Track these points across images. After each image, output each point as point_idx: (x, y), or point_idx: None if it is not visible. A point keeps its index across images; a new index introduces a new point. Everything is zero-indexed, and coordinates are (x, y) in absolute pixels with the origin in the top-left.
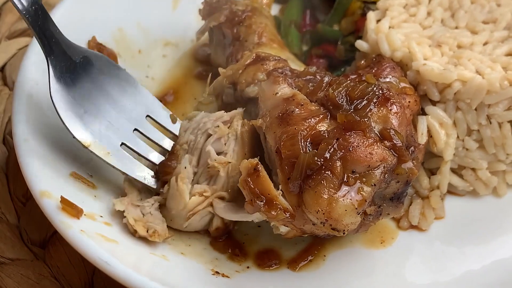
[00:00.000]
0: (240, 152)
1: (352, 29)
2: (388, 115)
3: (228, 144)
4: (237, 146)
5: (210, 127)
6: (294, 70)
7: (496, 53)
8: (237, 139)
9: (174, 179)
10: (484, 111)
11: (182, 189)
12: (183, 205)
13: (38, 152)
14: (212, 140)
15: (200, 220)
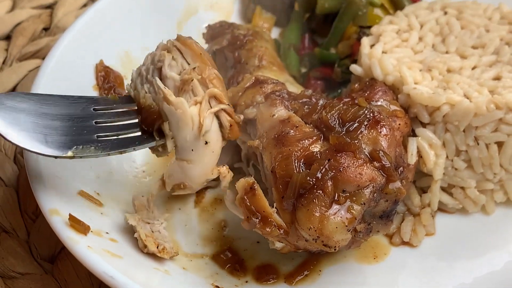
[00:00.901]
0: (195, 57)
1: (348, 53)
2: (378, 137)
3: (177, 60)
4: (187, 54)
5: (152, 63)
6: (291, 93)
7: (484, 77)
8: (182, 50)
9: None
10: (472, 132)
11: (180, 101)
12: (189, 118)
13: (47, 172)
14: (167, 66)
15: (212, 124)
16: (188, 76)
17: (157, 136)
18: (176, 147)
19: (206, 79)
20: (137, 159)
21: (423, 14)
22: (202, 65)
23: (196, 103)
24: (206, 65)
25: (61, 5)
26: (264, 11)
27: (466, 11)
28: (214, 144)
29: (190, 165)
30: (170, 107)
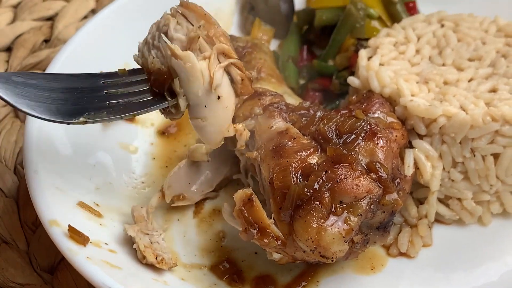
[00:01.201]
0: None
1: (346, 64)
2: (375, 149)
3: (182, 24)
4: (192, 17)
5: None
6: (289, 104)
7: (480, 90)
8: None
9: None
10: (468, 144)
11: (188, 54)
12: (198, 72)
13: (47, 183)
14: (172, 29)
15: (222, 78)
16: (194, 33)
17: (168, 96)
18: (188, 106)
19: (212, 36)
20: (137, 170)
21: (420, 27)
22: (207, 24)
23: (205, 58)
24: (212, 24)
25: (61, 17)
26: (263, 23)
27: (463, 24)
28: (227, 99)
29: (205, 123)
30: (179, 61)
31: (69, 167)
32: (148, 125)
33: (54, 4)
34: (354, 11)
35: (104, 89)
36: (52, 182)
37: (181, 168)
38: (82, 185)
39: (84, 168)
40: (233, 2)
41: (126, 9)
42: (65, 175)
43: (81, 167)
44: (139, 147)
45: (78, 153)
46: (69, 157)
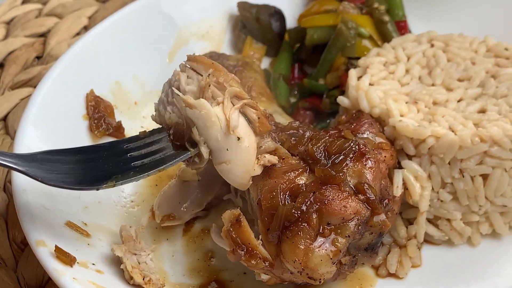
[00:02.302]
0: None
1: (337, 83)
2: (363, 169)
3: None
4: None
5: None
6: (279, 124)
7: (469, 110)
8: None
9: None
10: (457, 165)
11: (200, 102)
12: (214, 116)
13: (35, 202)
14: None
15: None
16: (204, 82)
17: (189, 147)
18: (211, 152)
19: (223, 82)
20: (126, 189)
21: (410, 47)
22: (216, 72)
23: (218, 103)
24: (221, 71)
25: (54, 33)
26: (255, 41)
27: (453, 44)
28: (247, 139)
29: (230, 166)
30: (194, 110)
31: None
32: None
33: (46, 20)
34: (345, 30)
35: (127, 153)
36: (40, 201)
37: (171, 187)
38: (71, 204)
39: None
40: (225, 20)
41: (119, 26)
42: (54, 194)
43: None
44: None
45: None
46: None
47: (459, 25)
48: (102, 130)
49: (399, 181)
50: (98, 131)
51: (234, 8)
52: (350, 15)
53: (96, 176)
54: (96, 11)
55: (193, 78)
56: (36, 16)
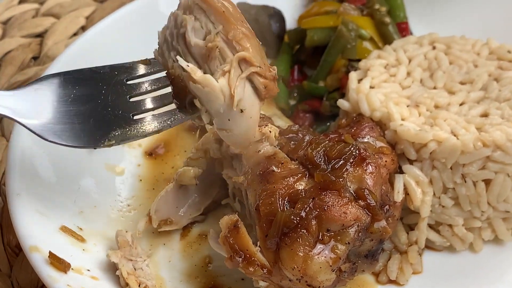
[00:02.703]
0: (218, 16)
1: (337, 86)
2: (363, 175)
3: (201, 20)
4: (210, 13)
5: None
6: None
7: (471, 114)
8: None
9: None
10: (459, 170)
11: (205, 78)
12: (219, 92)
13: (29, 206)
14: (190, 32)
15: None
16: (212, 44)
17: (190, 109)
18: (212, 118)
19: (232, 41)
20: (122, 193)
21: (411, 49)
22: (226, 26)
23: (225, 73)
24: (231, 25)
25: (51, 33)
26: None
27: (455, 46)
28: (250, 110)
29: (230, 133)
30: (197, 85)
31: (52, 189)
32: (135, 145)
33: (43, 20)
34: (345, 32)
35: (128, 93)
36: (35, 205)
37: (168, 192)
38: (66, 209)
39: (68, 190)
40: None
41: (116, 27)
42: (49, 198)
43: (65, 190)
44: (125, 168)
45: (63, 175)
46: (53, 179)
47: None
48: None
49: (400, 186)
50: None
51: None
52: (351, 16)
53: (93, 131)
54: (93, 11)
55: (201, 21)
56: (33, 16)
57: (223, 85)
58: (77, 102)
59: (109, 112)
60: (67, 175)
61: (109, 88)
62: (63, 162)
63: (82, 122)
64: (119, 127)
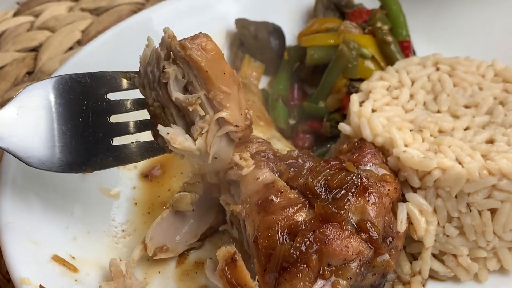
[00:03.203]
0: (200, 74)
1: (338, 106)
2: (366, 206)
3: (183, 69)
4: (195, 70)
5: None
6: (277, 153)
7: (476, 140)
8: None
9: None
10: (464, 199)
11: (184, 147)
12: (196, 152)
13: (20, 235)
14: (172, 84)
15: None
16: (193, 107)
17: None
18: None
19: (212, 99)
20: (117, 217)
21: (414, 70)
22: (208, 84)
23: (201, 134)
24: (213, 84)
25: (46, 48)
26: (253, 60)
27: (459, 68)
28: (224, 156)
29: (201, 167)
30: (176, 149)
31: (45, 216)
32: (130, 167)
33: (38, 34)
34: (347, 51)
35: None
36: (26, 234)
37: (164, 218)
38: (58, 236)
39: (61, 217)
40: (222, 38)
41: (113, 43)
42: (41, 225)
43: (57, 216)
44: (120, 191)
45: (55, 201)
46: (46, 205)
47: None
48: None
49: (404, 216)
50: None
51: (231, 25)
52: (352, 34)
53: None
54: (90, 24)
55: (184, 69)
56: (27, 29)
57: (200, 145)
58: (60, 120)
59: (90, 134)
60: (60, 200)
61: (89, 103)
62: (56, 187)
63: (64, 145)
64: (100, 153)
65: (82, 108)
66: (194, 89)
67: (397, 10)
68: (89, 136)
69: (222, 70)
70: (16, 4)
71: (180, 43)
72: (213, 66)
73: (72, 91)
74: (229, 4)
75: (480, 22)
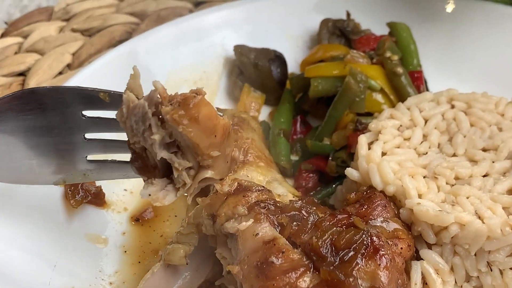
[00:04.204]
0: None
1: (344, 143)
2: (377, 270)
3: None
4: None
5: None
6: (278, 202)
7: (497, 190)
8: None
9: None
10: (484, 257)
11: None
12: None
13: None
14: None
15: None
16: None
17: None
18: None
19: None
20: (105, 268)
21: (427, 108)
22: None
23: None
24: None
25: (34, 72)
26: (253, 90)
27: (476, 105)
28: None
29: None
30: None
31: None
32: (120, 209)
33: (27, 57)
34: (354, 84)
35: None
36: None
37: (155, 273)
38: None
39: (42, 269)
40: (220, 65)
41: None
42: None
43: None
44: (108, 238)
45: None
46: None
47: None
48: (79, 199)
49: (418, 277)
50: (75, 200)
51: (230, 51)
52: (359, 65)
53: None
54: (81, 46)
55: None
56: (15, 51)
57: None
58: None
59: (63, 150)
60: (42, 250)
61: (64, 119)
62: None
63: (36, 158)
64: (73, 168)
65: (58, 122)
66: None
67: (408, 37)
68: (62, 152)
69: (213, 132)
70: (4, 24)
71: (172, 117)
72: (205, 136)
73: (48, 104)
74: (228, 29)
75: (499, 51)
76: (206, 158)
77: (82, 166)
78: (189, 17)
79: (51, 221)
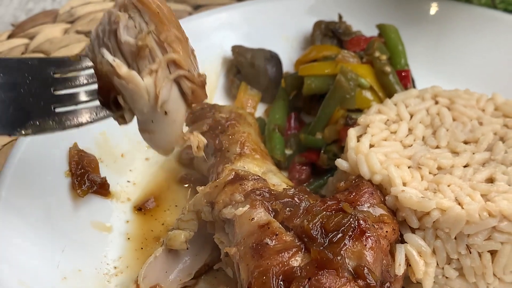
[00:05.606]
0: (152, 16)
1: (335, 138)
2: (363, 250)
3: (135, 19)
4: (145, 13)
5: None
6: (273, 190)
7: (476, 179)
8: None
9: (118, 81)
10: (464, 240)
11: (130, 74)
12: (143, 91)
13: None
14: (122, 29)
15: (171, 92)
16: (142, 43)
17: (114, 107)
18: (136, 117)
19: (164, 42)
20: (109, 254)
21: (413, 103)
22: (160, 26)
23: (152, 72)
24: (164, 26)
25: None
26: (249, 88)
27: (458, 101)
28: (175, 113)
29: (152, 136)
30: (121, 81)
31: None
32: (124, 199)
33: None
34: (344, 82)
35: (52, 85)
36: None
37: (157, 257)
38: (48, 276)
39: (51, 254)
40: (218, 65)
41: None
42: (30, 265)
43: (48, 254)
44: (113, 225)
45: (46, 237)
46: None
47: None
48: (86, 188)
49: (402, 258)
50: (81, 189)
51: (228, 51)
52: (350, 64)
53: (12, 118)
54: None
55: (135, 20)
56: (22, 52)
57: (148, 84)
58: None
59: (30, 102)
60: (51, 236)
61: (34, 79)
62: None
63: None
64: (39, 117)
65: (26, 82)
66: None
67: (396, 38)
68: (29, 104)
69: (174, 19)
70: (11, 26)
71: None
72: (164, 12)
73: (18, 69)
74: (226, 31)
75: (481, 52)
76: (169, 33)
77: (50, 117)
78: (188, 19)
79: (59, 209)
